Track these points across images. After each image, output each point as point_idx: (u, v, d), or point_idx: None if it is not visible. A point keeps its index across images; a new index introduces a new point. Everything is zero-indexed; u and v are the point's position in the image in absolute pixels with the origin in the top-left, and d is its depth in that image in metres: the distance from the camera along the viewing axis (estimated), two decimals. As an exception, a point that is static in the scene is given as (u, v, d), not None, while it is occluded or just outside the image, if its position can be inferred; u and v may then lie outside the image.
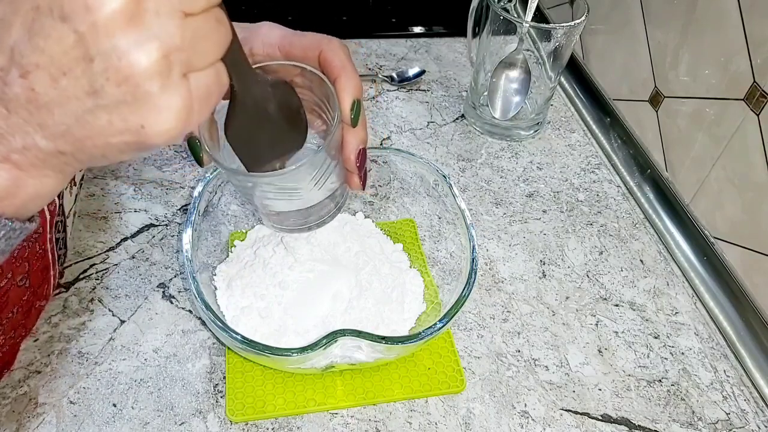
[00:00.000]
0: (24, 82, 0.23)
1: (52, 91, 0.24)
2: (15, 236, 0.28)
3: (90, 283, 0.56)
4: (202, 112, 0.26)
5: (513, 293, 0.60)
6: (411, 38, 0.93)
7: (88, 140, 0.25)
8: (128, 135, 0.25)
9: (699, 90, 0.64)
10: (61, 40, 0.23)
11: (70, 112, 0.24)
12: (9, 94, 0.24)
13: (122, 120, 0.24)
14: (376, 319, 0.50)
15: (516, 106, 0.74)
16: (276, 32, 0.40)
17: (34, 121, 0.25)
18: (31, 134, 0.25)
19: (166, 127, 0.25)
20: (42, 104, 0.24)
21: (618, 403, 0.52)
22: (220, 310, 0.50)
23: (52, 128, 0.25)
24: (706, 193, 0.64)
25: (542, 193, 0.70)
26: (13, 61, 0.23)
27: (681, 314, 0.59)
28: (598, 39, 0.84)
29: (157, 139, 0.25)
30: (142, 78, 0.23)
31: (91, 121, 0.24)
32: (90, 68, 0.23)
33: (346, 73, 0.38)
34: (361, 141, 0.40)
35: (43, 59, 0.23)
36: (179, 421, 0.48)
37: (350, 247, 0.54)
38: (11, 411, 0.47)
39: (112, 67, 0.23)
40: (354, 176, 0.41)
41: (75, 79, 0.23)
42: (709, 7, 0.62)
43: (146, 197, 0.65)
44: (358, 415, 0.49)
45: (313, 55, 0.39)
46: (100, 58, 0.23)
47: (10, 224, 0.27)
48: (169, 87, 0.24)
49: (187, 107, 0.25)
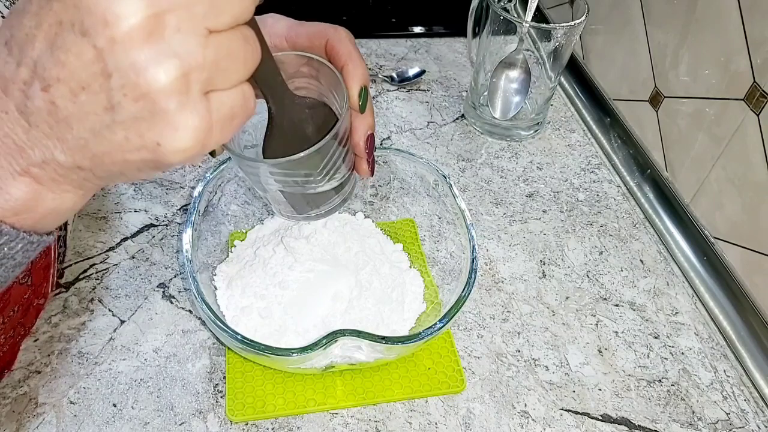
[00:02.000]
0: (45, 95, 0.24)
1: (72, 105, 0.24)
2: (32, 249, 0.28)
3: (90, 283, 0.56)
4: (223, 133, 0.26)
5: (513, 293, 0.60)
6: (411, 38, 0.93)
7: (106, 156, 0.25)
8: (145, 152, 0.25)
9: (699, 90, 0.64)
10: (80, 54, 0.23)
11: (89, 126, 0.24)
12: (31, 108, 0.24)
13: (139, 136, 0.24)
14: (376, 319, 0.50)
15: (516, 106, 0.74)
16: (282, 23, 0.41)
17: (54, 135, 0.25)
18: (50, 148, 0.25)
19: (182, 146, 0.24)
20: (62, 118, 0.24)
21: (618, 403, 0.52)
22: (220, 310, 0.50)
23: (71, 142, 0.25)
24: (706, 193, 0.64)
25: (542, 193, 0.70)
26: (36, 75, 0.24)
27: (681, 314, 0.59)
28: (598, 39, 0.84)
29: (173, 157, 0.25)
30: (159, 95, 0.23)
31: (109, 137, 0.24)
32: (108, 84, 0.23)
33: (353, 61, 0.38)
34: (369, 126, 0.40)
35: (64, 73, 0.23)
36: (179, 421, 0.48)
37: (350, 247, 0.54)
38: (11, 411, 0.47)
39: (129, 83, 0.23)
40: (363, 162, 0.42)
41: (93, 94, 0.23)
42: (709, 7, 0.62)
43: (146, 197, 0.65)
44: (358, 415, 0.49)
45: (319, 44, 0.39)
46: (118, 74, 0.23)
47: (28, 237, 0.27)
48: (187, 105, 0.24)
49: (205, 127, 0.25)
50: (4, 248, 0.26)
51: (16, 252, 0.27)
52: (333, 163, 0.39)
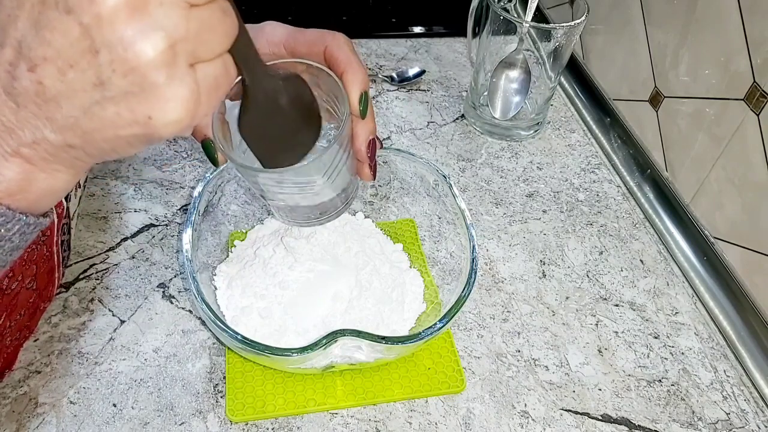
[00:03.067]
0: (32, 75, 0.24)
1: (60, 83, 0.24)
2: (29, 231, 0.28)
3: (90, 283, 0.56)
4: (209, 103, 0.26)
5: (513, 293, 0.60)
6: (411, 38, 0.93)
7: (97, 133, 0.25)
8: (136, 126, 0.25)
9: (699, 90, 0.64)
10: (66, 32, 0.23)
11: (78, 104, 0.24)
12: (18, 88, 0.24)
13: (129, 111, 0.24)
14: (376, 319, 0.50)
15: (516, 106, 0.74)
16: (280, 30, 0.41)
17: (42, 115, 0.25)
18: (40, 128, 0.25)
19: (173, 118, 0.25)
20: (50, 97, 0.24)
21: (618, 403, 0.52)
22: (220, 310, 0.50)
23: (60, 121, 0.25)
24: (706, 193, 0.64)
25: (542, 193, 0.70)
26: (21, 55, 0.23)
27: (681, 314, 0.59)
28: (598, 39, 0.84)
29: (164, 130, 0.25)
30: (148, 68, 0.23)
31: (99, 113, 0.24)
32: (96, 60, 0.23)
33: (352, 67, 0.39)
34: (371, 131, 0.40)
35: (50, 52, 0.23)
36: (179, 421, 0.48)
37: (350, 247, 0.54)
38: (11, 411, 0.47)
39: (118, 59, 0.23)
40: (365, 167, 0.42)
41: (82, 71, 0.23)
42: (709, 7, 0.62)
43: (146, 197, 0.65)
44: (358, 415, 0.49)
45: (318, 50, 0.39)
46: (106, 50, 0.23)
47: (24, 218, 0.27)
48: (175, 77, 0.24)
49: (194, 98, 0.25)
50: (0, 230, 0.26)
51: (13, 234, 0.27)
52: (335, 168, 0.39)
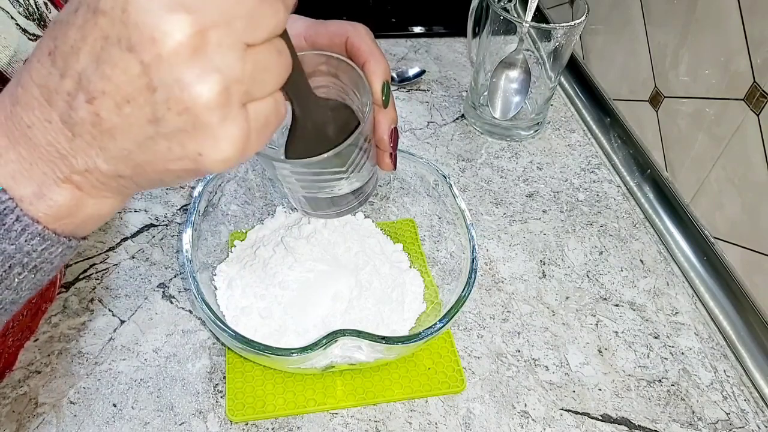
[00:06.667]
0: (90, 107, 0.24)
1: (116, 117, 0.24)
2: (69, 253, 0.28)
3: (90, 283, 0.56)
4: (259, 141, 0.27)
5: (513, 293, 0.60)
6: (411, 38, 0.93)
7: (148, 165, 0.26)
8: (187, 162, 0.26)
9: (699, 90, 0.64)
10: (126, 69, 0.23)
11: (132, 137, 0.25)
12: (75, 118, 0.24)
13: (181, 147, 0.25)
14: (376, 319, 0.50)
15: (516, 106, 0.74)
16: (300, 23, 0.41)
17: (96, 145, 0.25)
18: (93, 157, 0.25)
19: (223, 156, 0.25)
20: (105, 129, 0.25)
21: (618, 403, 0.52)
22: (220, 310, 0.50)
23: (113, 152, 0.25)
24: (706, 193, 0.64)
25: (542, 193, 0.70)
26: (81, 87, 0.24)
27: (681, 314, 0.59)
28: (598, 39, 0.84)
29: (213, 167, 0.26)
30: (202, 110, 0.24)
31: (152, 147, 0.25)
32: (153, 97, 0.24)
33: (374, 56, 0.39)
34: (393, 120, 0.41)
35: (109, 87, 0.24)
36: (179, 421, 0.48)
37: (350, 247, 0.54)
38: (11, 411, 0.47)
39: (174, 98, 0.23)
40: (385, 156, 0.42)
41: (138, 107, 0.24)
42: (709, 7, 0.62)
43: (146, 197, 0.65)
44: (358, 415, 0.49)
45: (339, 41, 0.40)
46: (163, 89, 0.23)
47: (67, 242, 0.28)
48: (228, 117, 0.24)
49: (244, 136, 0.25)
50: (44, 253, 0.27)
51: (54, 256, 0.28)
52: (359, 159, 0.40)
